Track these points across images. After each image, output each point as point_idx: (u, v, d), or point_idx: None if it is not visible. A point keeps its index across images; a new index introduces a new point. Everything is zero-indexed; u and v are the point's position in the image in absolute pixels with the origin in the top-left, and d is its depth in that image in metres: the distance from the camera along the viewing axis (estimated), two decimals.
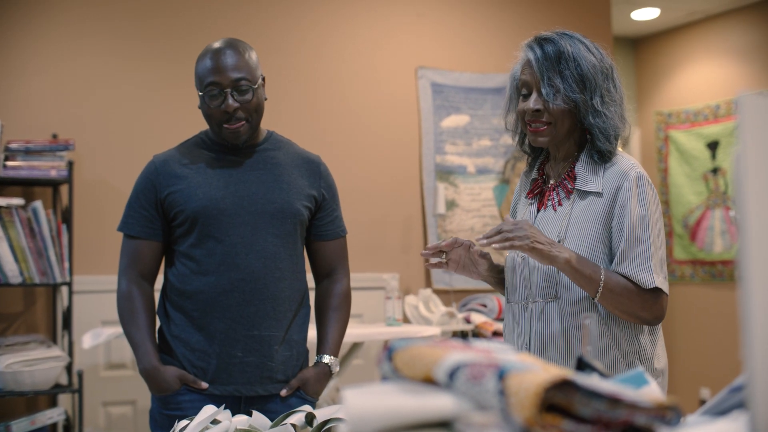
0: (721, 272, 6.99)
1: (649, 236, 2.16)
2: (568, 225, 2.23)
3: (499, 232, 2.11)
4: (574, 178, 2.27)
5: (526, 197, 2.41)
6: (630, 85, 7.76)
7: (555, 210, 2.28)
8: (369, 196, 5.33)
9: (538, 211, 2.33)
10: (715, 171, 7.03)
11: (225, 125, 2.53)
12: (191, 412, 2.42)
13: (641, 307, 2.16)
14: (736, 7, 6.95)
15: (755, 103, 0.88)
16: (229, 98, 2.50)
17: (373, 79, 5.46)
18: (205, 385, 2.53)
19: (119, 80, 4.76)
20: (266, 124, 2.73)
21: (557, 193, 2.30)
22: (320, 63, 5.31)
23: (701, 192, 7.11)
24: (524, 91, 2.27)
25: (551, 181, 2.34)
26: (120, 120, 4.74)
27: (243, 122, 2.53)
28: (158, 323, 2.67)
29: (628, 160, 2.26)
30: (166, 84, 4.84)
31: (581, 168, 2.26)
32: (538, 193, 2.36)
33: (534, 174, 2.40)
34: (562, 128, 2.23)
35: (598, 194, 2.22)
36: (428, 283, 5.50)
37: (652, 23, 7.35)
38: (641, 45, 7.76)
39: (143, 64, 4.82)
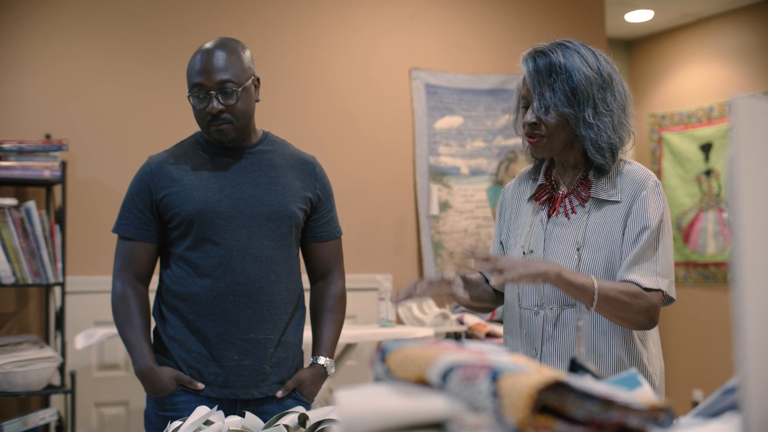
0: (714, 274, 7.01)
1: (660, 243, 2.18)
2: (586, 233, 2.24)
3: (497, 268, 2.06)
4: (588, 187, 2.28)
5: (531, 200, 2.39)
6: None
7: (568, 217, 2.28)
8: (362, 197, 5.33)
9: (549, 217, 2.32)
10: (708, 173, 7.04)
11: (210, 125, 2.52)
12: (187, 413, 2.41)
13: (637, 310, 2.14)
14: (728, 10, 6.97)
15: (748, 106, 0.88)
16: (214, 100, 2.48)
17: (367, 79, 5.46)
18: (201, 385, 2.52)
19: (113, 80, 4.75)
20: (259, 125, 2.72)
21: (570, 201, 2.30)
22: (314, 64, 5.31)
23: (694, 194, 7.12)
24: (524, 104, 2.30)
25: (562, 188, 2.33)
26: (113, 120, 4.73)
27: (228, 124, 2.52)
28: (153, 324, 2.66)
29: (641, 167, 2.29)
30: (160, 84, 4.83)
31: (595, 176, 2.28)
32: (547, 199, 2.35)
33: (542, 179, 2.39)
34: (558, 140, 2.24)
35: (616, 202, 2.23)
36: None
37: (646, 25, 7.36)
38: (635, 47, 7.77)
39: (137, 65, 4.82)
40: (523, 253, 2.32)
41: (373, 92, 5.46)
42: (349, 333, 4.30)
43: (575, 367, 1.13)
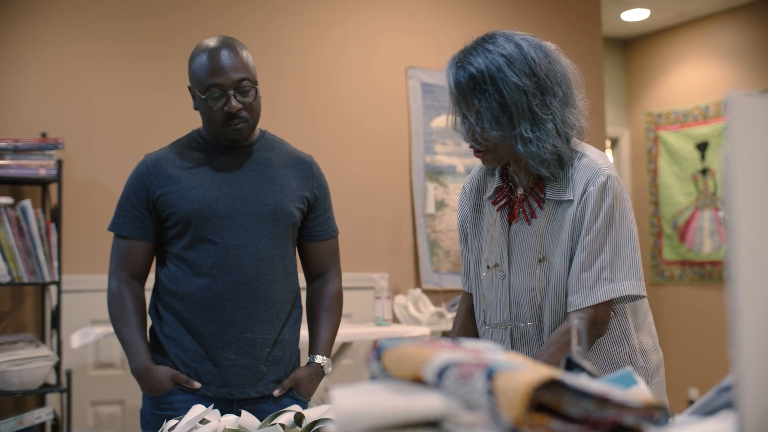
0: (710, 273, 7.01)
1: (609, 245, 2.00)
2: (545, 240, 2.07)
3: None
4: (543, 186, 2.09)
5: (491, 204, 2.21)
6: (620, 86, 7.78)
7: (529, 223, 2.11)
8: (359, 196, 5.33)
9: (510, 224, 2.15)
10: (704, 172, 7.05)
11: (227, 124, 2.51)
12: (183, 412, 2.40)
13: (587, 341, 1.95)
14: (724, 9, 6.98)
15: (744, 104, 0.88)
16: (232, 100, 2.47)
17: (364, 78, 5.46)
18: (197, 384, 2.52)
19: (109, 80, 4.74)
20: (258, 124, 2.72)
21: (528, 204, 2.12)
22: (311, 63, 5.31)
23: (690, 193, 7.13)
24: (458, 112, 2.07)
25: (519, 191, 2.15)
26: (109, 119, 4.73)
27: (244, 123, 2.52)
28: (149, 323, 2.66)
29: (594, 159, 2.07)
30: (156, 84, 4.83)
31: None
32: (506, 203, 2.17)
33: (498, 180, 2.19)
34: (503, 150, 2.04)
35: (570, 201, 2.05)
36: (418, 283, 5.50)
37: (642, 24, 7.37)
38: (631, 46, 7.78)
39: (133, 64, 4.81)
40: (488, 267, 2.18)
41: (369, 91, 5.46)
42: (344, 332, 4.29)
43: (571, 365, 1.13)
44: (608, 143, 7.71)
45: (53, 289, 4.34)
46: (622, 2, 6.77)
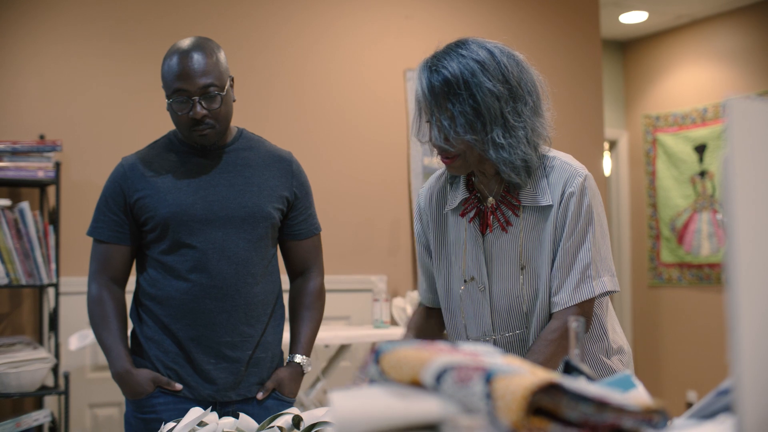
0: (709, 275, 7.02)
1: (588, 244, 2.03)
2: (526, 246, 2.07)
3: None
4: (516, 193, 2.07)
5: (458, 216, 2.17)
6: (618, 89, 7.78)
7: (506, 231, 2.09)
8: (357, 198, 5.32)
9: (484, 234, 2.12)
10: (702, 174, 7.05)
11: (193, 130, 2.49)
12: (166, 415, 2.41)
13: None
14: (723, 11, 6.98)
15: (743, 107, 0.88)
16: (197, 106, 2.44)
17: (362, 81, 5.46)
18: (179, 386, 2.50)
19: (107, 81, 4.74)
20: (253, 126, 2.70)
21: (502, 213, 2.09)
22: (308, 65, 5.30)
23: (689, 195, 7.13)
24: (426, 118, 2.04)
25: (490, 200, 2.12)
26: (107, 121, 4.73)
27: (210, 129, 2.49)
28: (130, 326, 2.64)
29: (567, 161, 2.08)
30: (154, 85, 4.80)
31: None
32: (477, 214, 2.13)
33: (464, 192, 2.16)
34: (472, 157, 2.02)
35: (549, 206, 2.05)
36: (416, 286, 5.50)
37: (641, 26, 7.38)
38: (629, 48, 7.78)
39: (131, 66, 4.81)
40: (465, 281, 2.15)
41: (367, 93, 5.46)
42: (343, 334, 4.30)
43: (569, 369, 1.13)
44: (606, 145, 7.71)
45: (51, 291, 4.34)
46: (620, 4, 6.77)
